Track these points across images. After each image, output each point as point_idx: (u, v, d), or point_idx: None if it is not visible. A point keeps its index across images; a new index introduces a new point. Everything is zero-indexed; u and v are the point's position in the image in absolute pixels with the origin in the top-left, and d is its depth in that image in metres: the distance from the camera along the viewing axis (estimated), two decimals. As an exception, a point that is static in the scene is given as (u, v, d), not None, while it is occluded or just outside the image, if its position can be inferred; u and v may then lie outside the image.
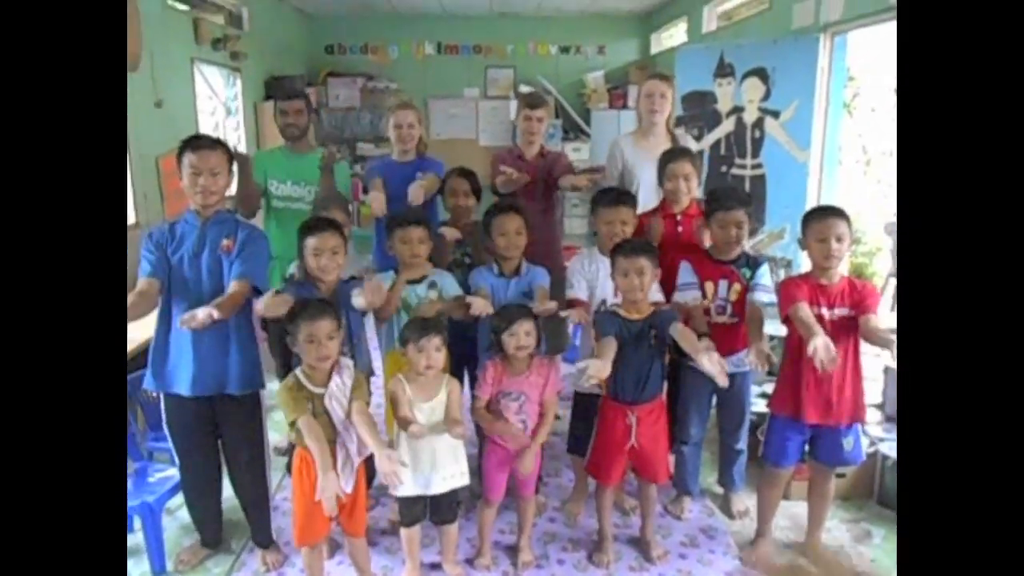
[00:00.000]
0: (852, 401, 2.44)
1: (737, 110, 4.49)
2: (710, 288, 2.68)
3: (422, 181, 3.05)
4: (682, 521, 2.95)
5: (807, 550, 2.70)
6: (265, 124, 6.21)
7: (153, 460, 2.89)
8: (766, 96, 4.33)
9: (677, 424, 2.82)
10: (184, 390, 2.37)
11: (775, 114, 4.31)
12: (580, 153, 8.02)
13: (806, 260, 2.55)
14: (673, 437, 2.77)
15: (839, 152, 4.55)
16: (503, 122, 8.36)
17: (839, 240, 2.35)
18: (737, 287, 2.66)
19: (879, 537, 2.82)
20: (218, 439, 2.54)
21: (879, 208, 6.07)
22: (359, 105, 8.24)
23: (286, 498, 2.99)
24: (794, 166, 4.28)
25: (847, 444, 2.49)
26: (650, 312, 2.45)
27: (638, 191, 3.15)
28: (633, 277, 2.39)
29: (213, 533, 2.72)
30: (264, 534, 2.68)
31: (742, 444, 2.92)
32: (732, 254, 2.68)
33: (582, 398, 2.78)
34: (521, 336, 2.37)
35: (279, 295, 2.27)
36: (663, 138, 3.26)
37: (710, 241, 2.74)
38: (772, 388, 2.67)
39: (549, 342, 2.81)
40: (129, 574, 2.54)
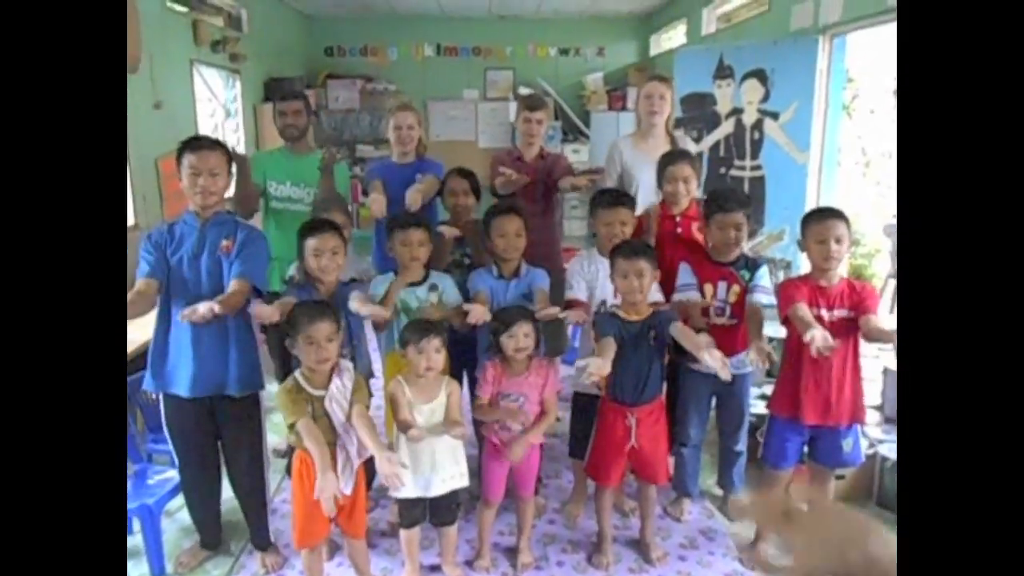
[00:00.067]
0: (851, 402, 2.44)
1: (736, 112, 4.50)
2: (709, 290, 2.68)
3: (420, 185, 3.04)
4: (681, 523, 2.95)
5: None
6: (264, 126, 6.22)
7: (152, 462, 2.89)
8: (765, 98, 4.34)
9: (676, 426, 2.82)
10: (183, 391, 2.37)
11: (774, 115, 4.32)
12: (579, 155, 8.02)
13: (805, 261, 2.55)
14: (672, 439, 2.77)
15: (838, 153, 4.55)
16: (502, 124, 8.37)
17: (838, 241, 2.36)
18: (736, 289, 2.66)
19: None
20: (218, 440, 2.54)
21: (878, 209, 6.07)
22: (358, 107, 8.25)
23: (285, 500, 2.99)
24: (793, 167, 4.28)
25: (846, 445, 2.49)
26: (649, 313, 2.45)
27: (637, 193, 3.15)
28: (632, 279, 2.39)
29: (213, 535, 2.72)
30: (262, 536, 2.68)
31: (741, 446, 2.92)
32: (731, 256, 2.68)
33: (581, 399, 2.78)
34: (520, 338, 2.37)
35: (272, 302, 2.27)
36: (662, 140, 3.26)
37: (709, 242, 2.74)
38: (771, 389, 2.67)
39: (548, 344, 2.81)
40: (128, 576, 2.54)
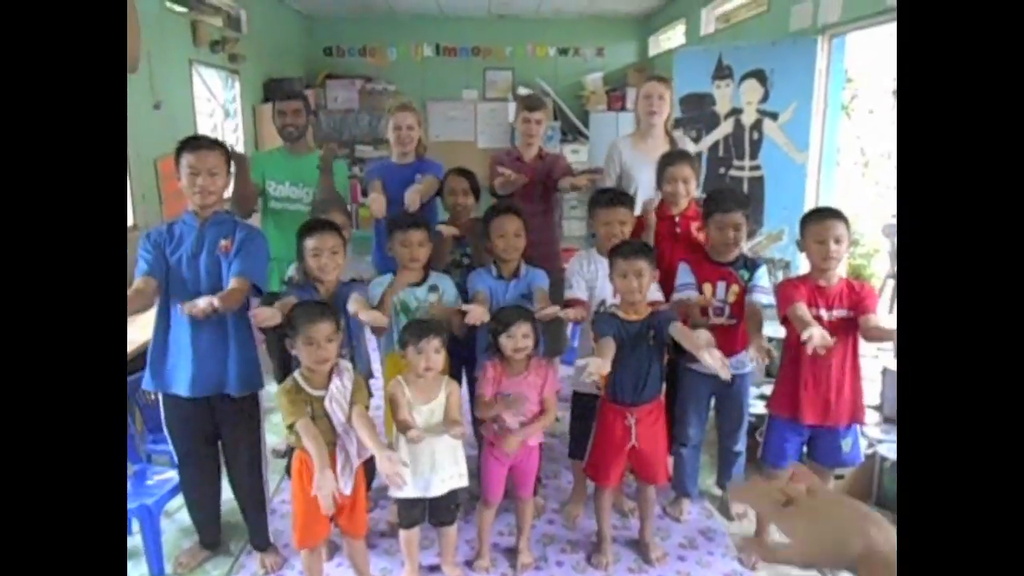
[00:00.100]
0: (850, 402, 2.45)
1: (735, 112, 4.50)
2: (708, 290, 2.68)
3: (418, 186, 3.03)
4: (681, 523, 2.95)
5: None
6: (264, 126, 6.22)
7: (152, 462, 2.89)
8: (764, 98, 4.34)
9: (676, 426, 2.82)
10: (183, 390, 2.37)
11: (773, 116, 4.32)
12: (578, 155, 8.01)
13: (804, 261, 2.56)
14: (672, 439, 2.77)
15: (837, 154, 4.56)
16: (502, 124, 8.37)
17: (837, 241, 2.36)
18: (735, 289, 2.66)
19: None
20: (218, 440, 2.54)
21: (877, 210, 6.09)
22: (357, 107, 8.25)
23: (284, 500, 2.99)
24: (792, 168, 4.28)
25: (845, 445, 2.49)
26: (648, 313, 2.45)
27: (636, 193, 3.15)
28: (632, 279, 2.39)
29: (212, 535, 2.71)
30: (262, 536, 2.68)
31: (740, 446, 2.92)
32: (730, 256, 2.68)
33: (581, 400, 2.78)
34: (519, 338, 2.37)
35: (271, 303, 2.27)
36: (661, 140, 3.27)
37: (708, 242, 2.74)
38: (771, 390, 2.68)
39: (547, 344, 2.81)
40: (127, 576, 2.54)
